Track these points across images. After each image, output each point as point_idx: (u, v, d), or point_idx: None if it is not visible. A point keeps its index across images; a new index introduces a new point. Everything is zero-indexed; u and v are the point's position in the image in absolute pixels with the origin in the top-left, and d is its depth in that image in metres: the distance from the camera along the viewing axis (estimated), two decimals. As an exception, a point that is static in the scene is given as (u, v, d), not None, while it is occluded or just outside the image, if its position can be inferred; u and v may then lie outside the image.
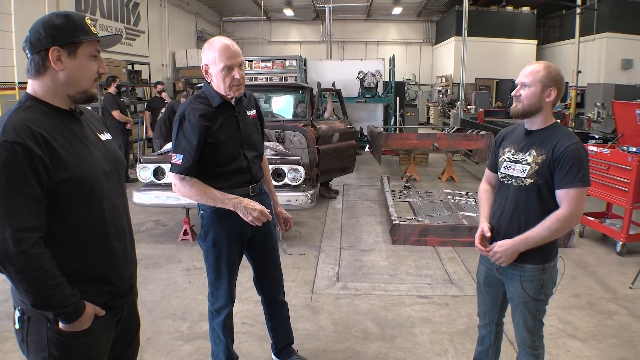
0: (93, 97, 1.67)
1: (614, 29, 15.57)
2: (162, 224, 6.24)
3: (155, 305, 3.93)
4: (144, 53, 13.85)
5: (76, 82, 1.59)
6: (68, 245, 1.56)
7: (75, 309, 1.53)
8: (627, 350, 3.32)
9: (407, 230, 5.48)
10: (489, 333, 2.60)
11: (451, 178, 9.28)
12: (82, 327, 1.57)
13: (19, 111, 1.51)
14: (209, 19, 20.60)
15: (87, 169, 1.57)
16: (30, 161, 1.42)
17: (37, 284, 1.44)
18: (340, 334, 3.52)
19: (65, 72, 1.56)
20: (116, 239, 1.69)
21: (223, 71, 2.37)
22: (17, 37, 8.01)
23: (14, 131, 1.42)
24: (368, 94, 12.71)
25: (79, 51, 1.57)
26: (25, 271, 1.42)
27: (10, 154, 1.40)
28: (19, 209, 1.41)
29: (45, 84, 1.57)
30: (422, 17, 22.26)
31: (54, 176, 1.48)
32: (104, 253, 1.65)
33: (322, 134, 6.66)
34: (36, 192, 1.44)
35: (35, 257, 1.43)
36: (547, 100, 2.19)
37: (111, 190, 1.68)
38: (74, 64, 1.57)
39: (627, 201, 5.02)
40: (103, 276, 1.66)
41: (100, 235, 1.63)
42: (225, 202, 2.42)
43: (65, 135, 1.56)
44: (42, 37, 1.52)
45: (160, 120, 8.02)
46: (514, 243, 2.22)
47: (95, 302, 1.62)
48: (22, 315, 1.57)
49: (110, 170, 1.69)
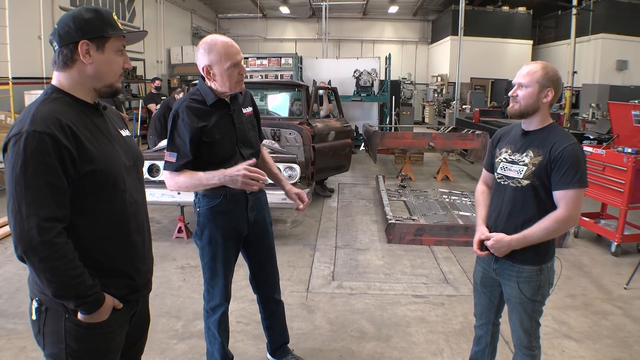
0: (118, 91, 1.70)
1: (609, 30, 15.67)
2: (157, 222, 6.20)
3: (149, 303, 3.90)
4: (139, 49, 13.78)
5: (103, 76, 1.61)
6: (89, 238, 1.56)
7: (96, 299, 1.53)
8: (621, 351, 3.33)
9: (402, 230, 5.48)
10: (485, 333, 2.60)
11: (446, 177, 9.29)
12: (101, 319, 1.57)
13: (47, 102, 1.52)
14: (204, 16, 20.55)
15: (110, 162, 1.59)
16: (58, 152, 1.43)
17: (60, 274, 1.44)
18: (335, 334, 3.51)
19: (93, 66, 1.58)
20: (136, 233, 1.71)
21: (230, 69, 2.36)
22: (12, 31, 7.94)
23: (42, 122, 1.44)
24: (364, 93, 12.71)
25: (107, 45, 1.60)
26: (49, 260, 1.42)
27: (38, 143, 1.41)
28: (44, 198, 1.42)
29: (72, 76, 1.58)
30: (418, 16, 22.32)
31: (80, 168, 1.49)
32: (124, 247, 1.67)
33: (318, 132, 6.65)
34: (62, 183, 1.45)
35: (60, 246, 1.43)
36: (545, 101, 2.18)
37: (132, 184, 1.70)
38: (102, 58, 1.59)
39: (622, 202, 5.03)
40: (123, 270, 1.67)
41: (121, 228, 1.65)
42: (211, 179, 2.35)
43: (90, 128, 1.57)
44: (71, 30, 1.54)
45: (155, 117, 7.97)
46: (510, 240, 2.21)
47: (114, 294, 1.62)
48: (39, 306, 1.56)
49: (130, 165, 1.71)
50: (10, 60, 7.99)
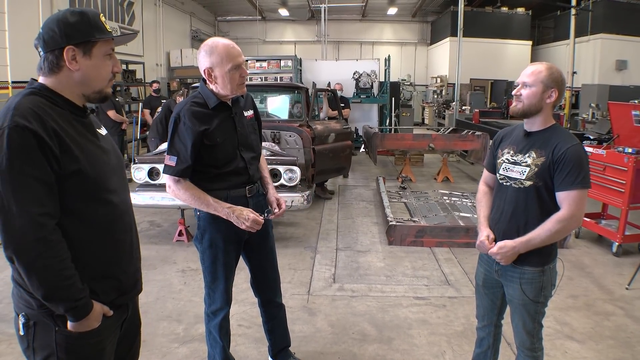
0: (107, 97, 1.65)
1: (608, 30, 15.68)
2: (157, 225, 6.19)
3: (150, 307, 3.89)
4: (139, 52, 13.78)
5: (91, 81, 1.56)
6: (76, 239, 1.52)
7: (86, 303, 1.50)
8: (624, 352, 3.32)
9: (403, 231, 5.47)
10: (488, 335, 2.59)
11: (447, 179, 9.28)
12: (91, 327, 1.53)
13: (30, 95, 1.47)
14: (203, 19, 20.55)
15: (96, 163, 1.55)
16: (42, 148, 1.39)
17: (53, 273, 1.40)
18: (337, 336, 3.50)
19: (80, 72, 1.52)
20: (123, 233, 1.68)
21: (231, 71, 2.36)
22: (11, 35, 7.93)
23: (24, 116, 1.38)
24: (363, 95, 12.72)
25: (95, 50, 1.53)
26: (42, 258, 1.38)
27: (22, 139, 1.36)
28: (35, 194, 1.38)
29: (59, 81, 1.53)
30: (417, 17, 22.33)
31: (63, 167, 1.44)
32: (111, 247, 1.63)
33: (318, 135, 6.64)
34: (50, 178, 1.41)
35: (54, 244, 1.40)
36: (548, 101, 2.18)
37: (118, 184, 1.66)
38: (90, 64, 1.53)
39: (623, 202, 5.03)
40: (109, 271, 1.63)
41: (108, 229, 1.61)
42: (218, 210, 2.40)
43: (75, 127, 1.53)
44: (56, 35, 1.48)
45: (157, 120, 7.95)
46: (514, 245, 2.21)
47: (103, 301, 1.59)
48: (27, 322, 1.51)
49: (116, 165, 1.68)
50: (9, 64, 7.97)
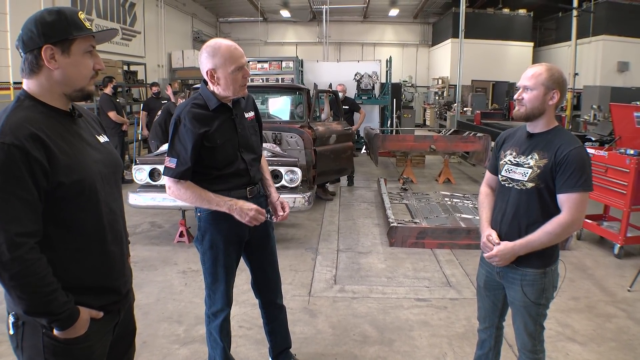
0: (90, 95, 1.62)
1: (610, 32, 15.66)
2: (158, 226, 6.19)
3: (150, 308, 3.89)
4: (140, 54, 13.82)
5: (72, 80, 1.54)
6: (64, 250, 1.52)
7: (69, 315, 1.49)
8: (626, 354, 3.31)
9: (404, 233, 5.46)
10: (489, 337, 2.58)
11: (448, 180, 9.27)
12: (77, 334, 1.53)
13: (18, 110, 1.46)
14: (205, 20, 20.57)
15: (85, 172, 1.53)
16: (28, 164, 1.37)
17: (31, 291, 1.40)
18: (338, 338, 3.49)
19: (60, 71, 1.51)
20: (113, 243, 1.66)
21: (234, 73, 2.35)
22: (13, 36, 7.96)
23: (11, 133, 1.37)
24: (365, 96, 12.72)
25: (73, 48, 1.52)
26: (20, 277, 1.38)
27: (7, 156, 1.35)
28: (15, 213, 1.37)
29: (40, 83, 1.51)
30: (418, 19, 22.32)
31: (52, 179, 1.43)
32: (101, 257, 1.62)
33: (319, 136, 6.64)
34: (33, 197, 1.40)
35: (31, 263, 1.39)
36: (550, 103, 2.17)
37: (109, 193, 1.64)
38: (69, 62, 1.51)
39: (624, 203, 5.02)
40: (99, 281, 1.62)
41: (97, 239, 1.60)
42: (220, 204, 2.40)
43: (64, 137, 1.52)
44: (34, 35, 1.47)
45: (157, 122, 7.96)
46: (513, 247, 2.20)
47: (92, 305, 1.58)
48: (16, 321, 1.52)
49: (107, 173, 1.65)
50: (11, 65, 8.00)
